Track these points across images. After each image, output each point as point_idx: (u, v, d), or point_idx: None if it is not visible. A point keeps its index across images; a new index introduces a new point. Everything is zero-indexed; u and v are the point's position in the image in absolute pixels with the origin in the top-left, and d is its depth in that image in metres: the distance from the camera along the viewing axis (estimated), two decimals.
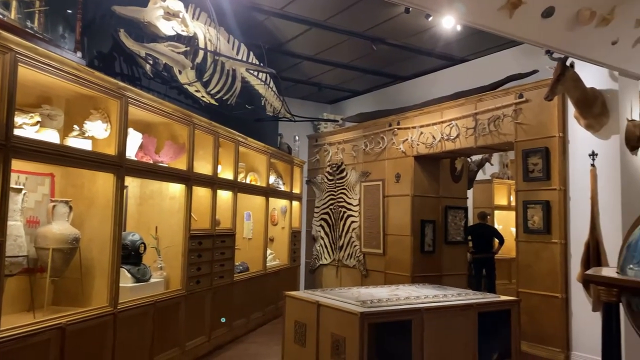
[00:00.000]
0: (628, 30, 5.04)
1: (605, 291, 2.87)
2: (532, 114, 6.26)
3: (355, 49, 7.88)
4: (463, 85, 7.53)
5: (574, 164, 5.92)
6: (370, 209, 8.56)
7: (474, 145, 7.03)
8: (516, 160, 6.51)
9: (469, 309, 4.53)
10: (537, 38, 4.68)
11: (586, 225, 5.63)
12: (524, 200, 6.27)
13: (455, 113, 7.27)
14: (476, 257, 8.97)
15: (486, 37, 6.63)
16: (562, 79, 5.36)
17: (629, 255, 2.80)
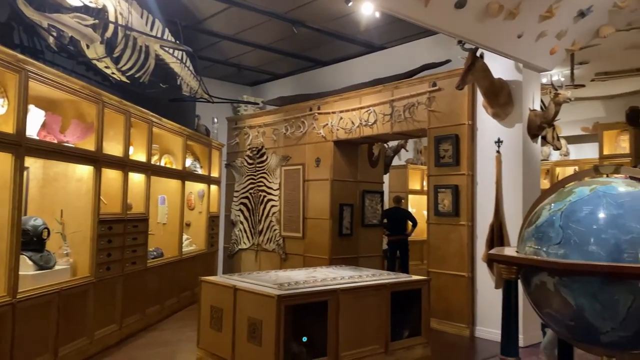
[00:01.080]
0: (532, 24, 5.37)
1: (506, 269, 3.06)
2: (445, 102, 6.53)
3: (276, 30, 7.80)
4: (381, 73, 7.69)
5: (481, 150, 6.26)
6: (290, 193, 8.58)
7: (390, 132, 7.23)
8: (429, 146, 6.77)
9: (383, 289, 4.68)
10: (450, 28, 4.86)
11: (491, 208, 6.00)
12: (435, 185, 6.56)
13: (373, 99, 7.42)
14: (391, 239, 9.28)
15: (403, 26, 6.80)
16: (473, 69, 5.62)
17: (527, 235, 2.97)
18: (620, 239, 2.45)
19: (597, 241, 2.50)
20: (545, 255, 2.65)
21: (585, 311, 2.53)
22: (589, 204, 2.64)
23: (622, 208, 2.56)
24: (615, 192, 2.66)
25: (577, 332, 2.69)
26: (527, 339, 5.62)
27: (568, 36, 5.88)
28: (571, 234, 2.58)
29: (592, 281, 2.48)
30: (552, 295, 2.66)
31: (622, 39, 6.73)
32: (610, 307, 2.47)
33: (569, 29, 5.75)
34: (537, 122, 5.98)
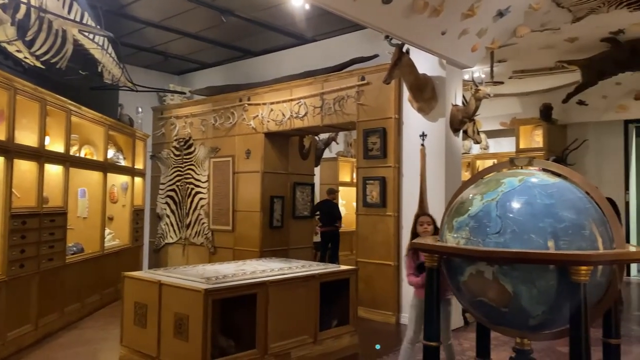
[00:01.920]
0: (455, 22, 5.58)
1: (428, 257, 3.17)
2: (373, 96, 6.65)
3: (204, 18, 7.60)
4: (312, 65, 7.71)
5: (407, 143, 6.45)
6: (219, 185, 8.43)
7: (321, 124, 7.28)
8: (357, 139, 6.89)
9: (312, 280, 4.72)
10: (377, 23, 4.95)
11: (416, 199, 6.19)
12: (363, 177, 6.69)
13: (304, 92, 7.44)
14: (323, 230, 9.39)
15: (334, 19, 6.84)
16: (399, 64, 5.76)
17: (459, 225, 3.02)
18: (556, 227, 2.57)
19: (535, 230, 2.60)
20: (482, 244, 2.70)
21: (522, 297, 2.62)
22: (522, 194, 2.74)
23: (553, 198, 2.68)
24: (543, 183, 2.79)
25: (507, 317, 2.80)
26: None
27: (488, 35, 6.16)
28: (510, 224, 2.65)
29: (532, 268, 2.59)
30: (489, 283, 2.72)
31: (537, 39, 7.14)
32: (546, 292, 2.60)
33: (489, 28, 6.03)
34: (459, 117, 6.23)
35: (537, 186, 2.76)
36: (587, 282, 2.49)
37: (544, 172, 3.28)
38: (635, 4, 6.05)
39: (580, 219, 2.63)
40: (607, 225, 2.73)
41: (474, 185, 3.19)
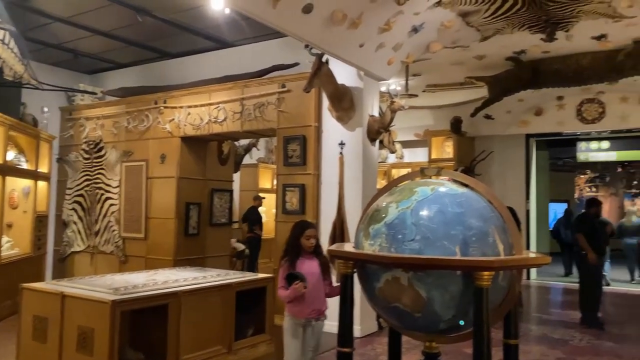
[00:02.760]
0: (372, 35, 5.75)
1: (343, 264, 3.21)
2: (293, 103, 6.68)
3: (118, 16, 7.26)
4: (231, 70, 7.61)
5: (326, 151, 6.53)
6: (131, 191, 8.07)
7: (240, 130, 7.20)
8: (278, 146, 6.89)
9: (228, 289, 4.63)
10: (298, 32, 4.99)
11: (334, 206, 6.29)
12: (283, 184, 6.68)
13: (224, 96, 7.32)
14: (247, 236, 9.42)
15: (255, 25, 6.79)
16: (319, 73, 5.83)
17: (375, 232, 3.07)
18: (466, 234, 2.69)
19: (447, 237, 2.70)
20: (398, 251, 2.77)
21: (435, 302, 2.71)
22: (435, 202, 2.84)
23: (462, 207, 2.81)
24: (453, 193, 2.93)
25: (420, 322, 2.89)
26: (363, 330, 6.01)
27: (403, 49, 6.41)
28: (424, 231, 2.74)
29: (444, 274, 2.69)
30: (404, 289, 2.79)
31: (448, 55, 7.53)
32: (458, 297, 2.71)
33: (404, 43, 6.28)
34: (376, 127, 6.42)
35: (447, 195, 2.88)
36: (489, 287, 2.63)
37: (453, 182, 3.45)
38: (535, 27, 6.56)
39: (485, 226, 2.78)
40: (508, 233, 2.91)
41: (389, 194, 3.27)
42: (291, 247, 3.70)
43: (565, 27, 6.53)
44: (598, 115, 9.60)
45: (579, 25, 6.46)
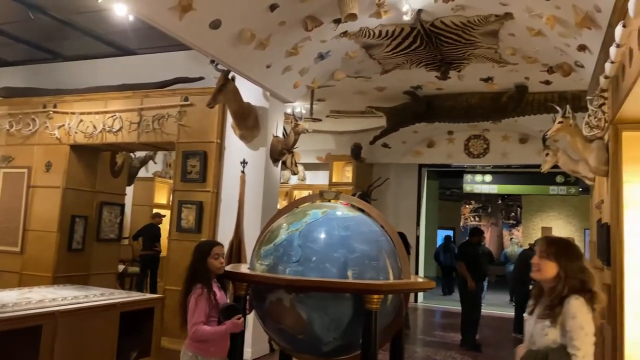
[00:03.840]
0: (280, 58, 5.82)
1: (237, 285, 3.16)
2: (195, 118, 6.53)
3: (6, 11, 6.68)
4: (132, 78, 7.29)
5: (227, 169, 6.43)
6: (8, 200, 7.36)
7: (137, 141, 6.88)
8: (176, 160, 6.67)
9: (111, 309, 4.35)
10: (204, 46, 4.92)
11: (232, 225, 6.17)
12: (180, 200, 6.47)
13: (121, 105, 6.98)
14: (143, 254, 9.04)
15: (159, 34, 6.57)
16: (224, 89, 5.75)
17: (265, 253, 3.08)
18: (348, 257, 2.76)
19: (329, 259, 2.75)
20: (283, 272, 2.78)
21: (315, 324, 2.74)
22: (323, 225, 2.91)
23: (349, 230, 2.89)
24: (342, 216, 3.00)
25: (303, 344, 2.90)
26: (255, 352, 5.92)
27: (309, 74, 6.55)
28: (309, 253, 2.79)
29: (325, 296, 2.73)
30: (287, 310, 2.80)
31: (352, 84, 7.81)
32: (337, 320, 2.75)
33: (310, 68, 6.42)
34: (279, 148, 6.45)
35: (337, 219, 2.97)
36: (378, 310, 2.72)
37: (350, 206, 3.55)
38: (431, 65, 7.03)
39: (372, 250, 2.89)
40: (398, 258, 3.05)
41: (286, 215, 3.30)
42: (200, 271, 3.09)
43: (457, 68, 7.07)
44: (483, 150, 10.43)
45: (470, 67, 7.02)
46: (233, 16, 4.77)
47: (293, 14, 5.15)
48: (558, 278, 2.41)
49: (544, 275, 2.46)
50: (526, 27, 5.33)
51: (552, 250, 2.47)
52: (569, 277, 2.39)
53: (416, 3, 5.20)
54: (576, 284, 2.38)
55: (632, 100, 3.48)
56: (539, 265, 2.48)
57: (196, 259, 3.17)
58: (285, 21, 5.21)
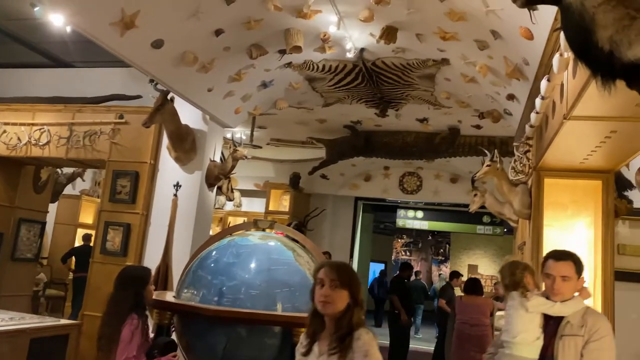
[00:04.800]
0: (222, 82, 5.78)
1: (159, 313, 3.03)
2: (129, 136, 6.32)
3: None
4: (65, 91, 6.99)
5: (159, 191, 6.23)
6: None
7: (65, 157, 6.55)
8: (106, 179, 6.40)
9: (20, 335, 4.02)
10: (144, 65, 4.81)
11: (161, 250, 5.95)
12: (106, 221, 6.18)
13: (50, 118, 6.64)
14: (78, 276, 8.53)
15: (98, 49, 6.37)
16: (162, 109, 5.62)
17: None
18: (225, 284, 2.75)
19: (209, 286, 2.76)
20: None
21: (197, 350, 2.71)
22: (218, 252, 2.92)
23: (238, 257, 2.90)
24: (242, 243, 3.00)
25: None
26: None
27: (252, 101, 6.54)
28: (200, 279, 2.79)
29: (201, 322, 2.70)
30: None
31: (294, 114, 7.87)
32: (213, 347, 2.71)
33: (253, 95, 6.42)
34: (215, 173, 6.34)
35: (235, 245, 3.00)
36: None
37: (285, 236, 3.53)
38: (371, 102, 7.23)
39: (255, 278, 2.90)
40: None
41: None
42: (139, 300, 2.90)
43: (395, 107, 7.31)
44: (416, 187, 10.76)
45: (407, 107, 7.28)
46: (177, 37, 4.71)
47: (238, 41, 5.15)
48: (347, 308, 2.11)
49: (337, 307, 2.10)
50: (461, 74, 5.61)
51: (345, 278, 2.14)
52: (360, 307, 2.14)
53: (359, 42, 5.35)
54: (362, 316, 2.15)
55: (554, 149, 3.72)
56: (331, 296, 2.09)
57: (138, 285, 2.97)
58: (230, 47, 5.20)
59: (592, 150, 3.63)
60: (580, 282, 2.55)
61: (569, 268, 2.51)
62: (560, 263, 2.53)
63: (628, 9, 1.46)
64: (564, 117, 3.01)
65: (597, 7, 1.47)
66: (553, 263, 2.54)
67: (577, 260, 2.56)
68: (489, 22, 4.17)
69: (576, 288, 2.54)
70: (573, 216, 4.21)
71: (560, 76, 3.18)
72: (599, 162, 3.91)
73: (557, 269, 2.52)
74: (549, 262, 2.58)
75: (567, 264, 2.52)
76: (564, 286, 2.49)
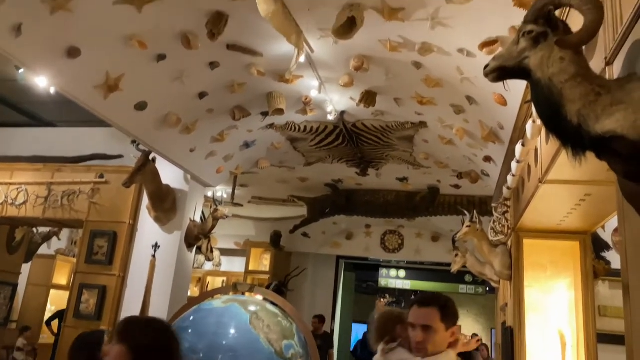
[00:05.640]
0: (205, 143, 5.83)
1: None
2: (109, 196, 6.26)
3: None
4: (45, 150, 6.95)
5: (137, 252, 6.12)
6: None
7: (42, 216, 6.45)
8: (83, 239, 6.28)
9: None
10: (126, 126, 4.85)
11: (138, 313, 5.76)
12: (81, 283, 6.01)
13: (29, 177, 6.58)
14: None
15: (80, 108, 6.41)
16: (143, 169, 5.60)
17: None
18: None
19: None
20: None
21: None
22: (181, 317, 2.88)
23: (191, 322, 2.87)
24: (203, 307, 2.99)
25: None
26: None
27: (234, 160, 6.59)
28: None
29: None
30: None
31: (275, 173, 7.92)
32: None
33: (235, 155, 6.47)
34: (195, 233, 6.27)
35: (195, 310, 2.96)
36: None
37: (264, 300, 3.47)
38: (352, 162, 7.34)
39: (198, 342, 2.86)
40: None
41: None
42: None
43: (376, 166, 7.43)
44: (398, 246, 10.74)
45: (387, 167, 7.40)
46: (160, 99, 4.79)
47: (222, 103, 5.25)
48: None
49: None
50: (438, 136, 5.77)
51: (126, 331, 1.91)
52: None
53: (340, 105, 5.50)
54: None
55: (531, 211, 3.78)
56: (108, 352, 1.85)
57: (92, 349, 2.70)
58: (214, 109, 5.29)
59: (568, 213, 3.71)
60: (450, 334, 2.06)
61: (432, 316, 2.03)
62: (422, 310, 2.07)
63: (593, 85, 1.55)
64: (540, 181, 3.09)
65: (565, 82, 1.55)
66: (415, 310, 2.09)
67: (445, 306, 2.07)
68: (464, 89, 4.34)
69: (445, 341, 2.05)
70: (553, 277, 4.22)
71: (534, 141, 3.29)
72: (576, 224, 3.98)
73: (417, 316, 2.06)
74: (412, 308, 2.12)
75: (429, 311, 2.04)
76: (426, 338, 2.01)
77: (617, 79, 1.66)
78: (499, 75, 1.70)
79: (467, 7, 3.29)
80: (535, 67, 1.60)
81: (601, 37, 1.92)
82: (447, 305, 2.08)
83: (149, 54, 4.16)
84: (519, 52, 1.64)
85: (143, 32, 3.93)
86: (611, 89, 1.53)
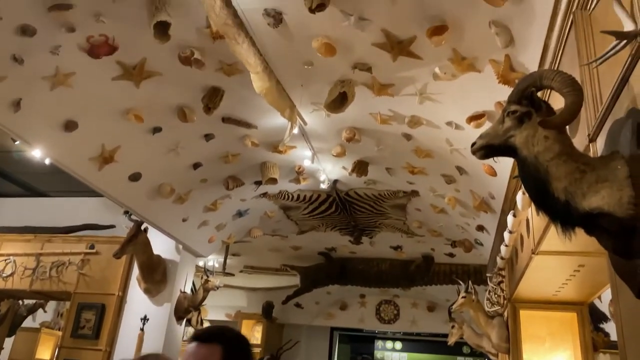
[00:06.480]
0: (198, 212, 5.82)
1: None
2: (99, 267, 6.16)
3: None
4: (36, 221, 6.91)
5: (125, 325, 5.95)
6: None
7: (29, 289, 6.31)
8: (69, 312, 6.11)
9: None
10: (120, 197, 4.85)
11: None
12: (65, 359, 5.77)
13: (17, 248, 6.49)
14: None
15: (72, 179, 6.43)
16: (135, 240, 5.55)
17: None
18: None
19: None
20: None
21: None
22: None
23: None
24: None
25: None
26: None
27: (226, 230, 6.55)
28: None
29: None
30: None
31: (268, 242, 7.87)
32: None
33: (227, 224, 6.45)
34: (185, 305, 6.12)
35: None
36: None
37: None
38: (345, 230, 7.32)
39: None
40: None
41: None
42: None
43: (369, 234, 7.40)
44: (393, 316, 10.50)
45: (381, 235, 7.38)
46: (155, 170, 4.83)
47: (215, 173, 5.30)
48: None
49: None
50: (431, 205, 5.81)
51: None
52: None
53: (333, 174, 5.57)
54: None
55: (526, 282, 3.75)
56: None
57: None
58: (207, 179, 5.33)
59: (563, 283, 3.68)
60: None
61: (212, 355, 1.40)
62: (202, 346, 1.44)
63: (578, 163, 1.58)
64: (532, 252, 3.09)
65: (550, 160, 1.59)
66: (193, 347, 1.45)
67: (228, 342, 1.45)
68: (454, 159, 4.43)
69: None
70: (552, 349, 4.13)
71: (525, 212, 3.32)
72: (572, 294, 3.94)
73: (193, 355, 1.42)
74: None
75: (209, 348, 1.42)
76: None
77: (601, 157, 1.71)
78: (486, 153, 1.74)
79: (454, 83, 3.43)
80: (521, 145, 1.65)
81: (583, 115, 1.99)
82: (231, 341, 1.46)
83: (145, 126, 4.24)
84: (504, 131, 1.68)
85: (140, 106, 4.04)
86: (595, 167, 1.57)
